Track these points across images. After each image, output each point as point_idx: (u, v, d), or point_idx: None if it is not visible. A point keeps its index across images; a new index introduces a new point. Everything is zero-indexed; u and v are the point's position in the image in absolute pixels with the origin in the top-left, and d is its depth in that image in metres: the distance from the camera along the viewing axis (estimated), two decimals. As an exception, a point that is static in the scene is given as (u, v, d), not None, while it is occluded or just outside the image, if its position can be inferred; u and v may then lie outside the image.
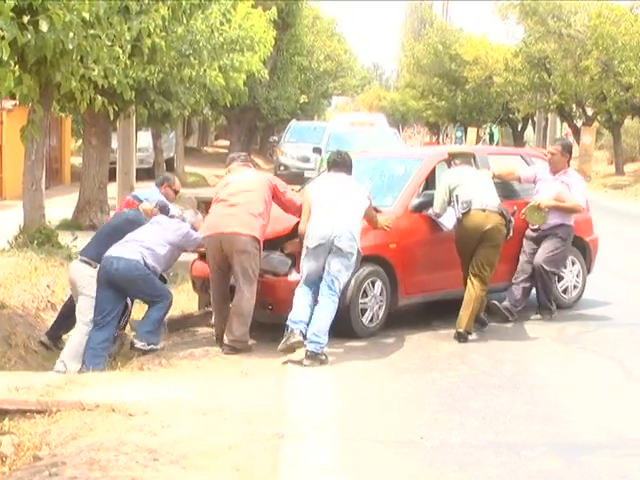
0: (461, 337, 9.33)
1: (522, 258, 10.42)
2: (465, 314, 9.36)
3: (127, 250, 8.98)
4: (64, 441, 6.22)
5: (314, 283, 8.72)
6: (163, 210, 9.73)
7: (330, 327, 8.54)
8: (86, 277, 9.24)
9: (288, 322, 8.53)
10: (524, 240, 10.44)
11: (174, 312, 10.15)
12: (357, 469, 5.79)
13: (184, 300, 11.00)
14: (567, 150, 10.69)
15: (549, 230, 10.35)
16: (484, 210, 9.54)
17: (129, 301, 9.54)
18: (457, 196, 9.61)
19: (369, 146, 18.16)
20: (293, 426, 6.56)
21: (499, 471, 5.74)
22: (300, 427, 6.55)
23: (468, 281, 9.51)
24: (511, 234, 9.77)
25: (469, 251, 9.57)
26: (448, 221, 9.86)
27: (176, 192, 10.42)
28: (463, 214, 9.54)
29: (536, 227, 10.40)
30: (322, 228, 8.68)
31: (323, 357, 8.42)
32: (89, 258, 9.37)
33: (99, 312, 8.97)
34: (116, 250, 9.01)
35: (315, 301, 8.67)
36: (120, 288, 9.03)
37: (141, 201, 9.97)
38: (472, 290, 9.44)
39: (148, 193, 10.34)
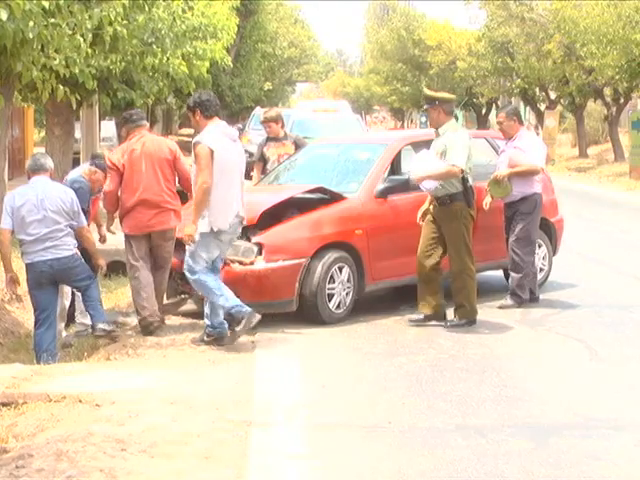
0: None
1: None
2: None
3: (61, 249, 8.88)
4: (31, 433, 6.18)
5: None
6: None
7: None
8: None
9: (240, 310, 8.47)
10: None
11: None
12: (326, 455, 5.80)
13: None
14: (512, 113, 10.45)
15: (514, 206, 10.11)
16: None
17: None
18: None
19: (332, 132, 18.31)
20: (262, 413, 6.56)
21: (467, 454, 5.77)
22: (269, 414, 6.56)
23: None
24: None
25: None
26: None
27: None
28: None
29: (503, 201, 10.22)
30: None
31: None
32: None
33: (42, 311, 8.94)
34: (51, 252, 8.85)
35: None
36: (58, 282, 9.11)
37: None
38: None
39: None
